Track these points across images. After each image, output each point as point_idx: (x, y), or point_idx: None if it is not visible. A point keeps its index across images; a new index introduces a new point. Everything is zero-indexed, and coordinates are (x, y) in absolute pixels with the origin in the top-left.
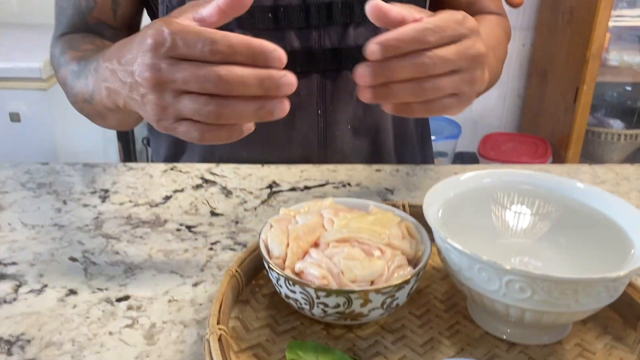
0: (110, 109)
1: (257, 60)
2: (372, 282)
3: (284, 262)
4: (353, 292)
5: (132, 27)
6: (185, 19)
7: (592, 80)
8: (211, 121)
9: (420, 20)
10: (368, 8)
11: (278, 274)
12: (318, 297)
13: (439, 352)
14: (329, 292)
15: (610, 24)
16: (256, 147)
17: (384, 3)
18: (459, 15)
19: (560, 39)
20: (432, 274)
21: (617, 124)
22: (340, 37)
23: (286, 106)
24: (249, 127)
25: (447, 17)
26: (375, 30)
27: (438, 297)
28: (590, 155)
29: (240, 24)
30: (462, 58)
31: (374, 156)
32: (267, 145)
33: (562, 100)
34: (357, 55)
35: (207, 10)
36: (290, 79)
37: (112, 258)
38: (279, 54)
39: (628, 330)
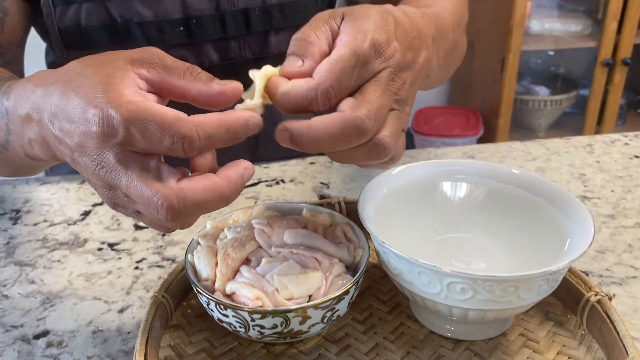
0: (40, 158)
1: (239, 139)
2: (310, 297)
3: (214, 283)
4: (290, 311)
5: (19, 45)
6: (134, 83)
7: (517, 50)
8: (168, 227)
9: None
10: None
11: (208, 298)
12: (253, 320)
13: (384, 358)
14: (264, 314)
15: None
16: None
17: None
18: (362, 50)
19: (483, 10)
20: (372, 273)
21: (542, 91)
22: (261, 46)
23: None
24: None
25: (345, 63)
26: None
27: (380, 297)
28: (520, 122)
29: (149, 42)
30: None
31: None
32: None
33: (489, 71)
34: (281, 63)
35: (180, 84)
36: (256, 122)
37: (27, 289)
38: (256, 119)
39: (569, 314)
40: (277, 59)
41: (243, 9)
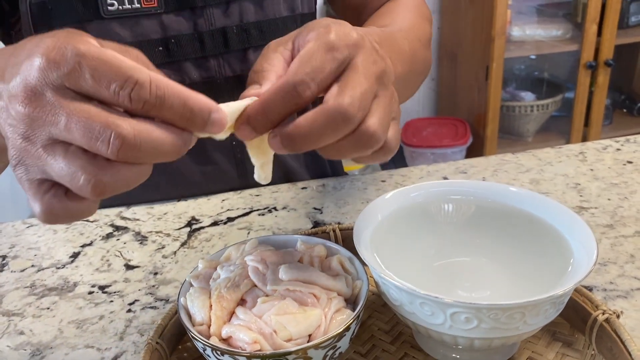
0: None
1: (193, 123)
2: (310, 336)
3: (209, 327)
4: (289, 353)
5: None
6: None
7: (500, 57)
8: (83, 194)
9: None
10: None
11: (203, 344)
12: None
13: None
14: (263, 358)
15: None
16: (168, 188)
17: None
18: (328, 39)
19: (465, 20)
20: (372, 301)
21: (528, 96)
22: (241, 63)
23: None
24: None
25: (314, 51)
26: None
27: (382, 327)
28: (508, 129)
29: None
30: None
31: (289, 175)
32: (181, 185)
33: (474, 80)
34: None
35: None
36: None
37: (16, 340)
38: (220, 116)
39: (577, 334)
40: None
41: (221, 27)
